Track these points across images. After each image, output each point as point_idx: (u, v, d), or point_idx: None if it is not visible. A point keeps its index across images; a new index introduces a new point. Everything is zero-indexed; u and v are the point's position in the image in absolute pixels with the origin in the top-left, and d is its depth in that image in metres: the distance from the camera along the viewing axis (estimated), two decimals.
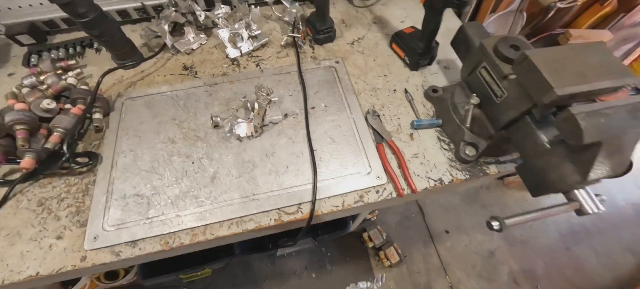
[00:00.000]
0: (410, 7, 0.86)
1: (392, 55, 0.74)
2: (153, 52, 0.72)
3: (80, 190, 0.53)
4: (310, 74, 0.68)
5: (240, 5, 0.75)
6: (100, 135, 0.59)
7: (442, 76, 0.71)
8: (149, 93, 0.64)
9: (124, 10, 0.74)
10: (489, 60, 0.52)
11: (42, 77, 0.63)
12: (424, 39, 0.66)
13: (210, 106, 0.63)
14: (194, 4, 0.72)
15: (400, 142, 0.60)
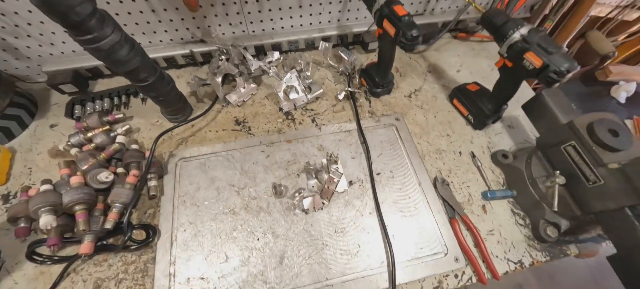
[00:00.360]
0: (464, 53, 0.82)
1: (453, 111, 0.71)
2: (201, 101, 0.69)
3: (139, 269, 0.49)
4: (370, 133, 0.65)
5: (290, 53, 0.72)
6: (155, 202, 0.56)
7: (507, 136, 0.68)
8: (202, 153, 0.61)
9: (171, 57, 0.70)
10: (582, 142, 0.49)
11: (89, 133, 0.59)
12: (494, 101, 0.63)
13: (269, 170, 0.59)
14: (246, 52, 0.69)
15: (473, 215, 0.57)
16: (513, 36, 0.52)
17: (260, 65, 0.69)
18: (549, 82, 0.50)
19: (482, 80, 0.77)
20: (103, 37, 0.41)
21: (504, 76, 0.59)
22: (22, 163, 0.60)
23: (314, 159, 0.61)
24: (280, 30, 0.74)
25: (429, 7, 0.80)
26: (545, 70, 0.49)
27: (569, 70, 0.47)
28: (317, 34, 0.75)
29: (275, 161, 0.61)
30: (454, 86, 0.75)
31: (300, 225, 0.54)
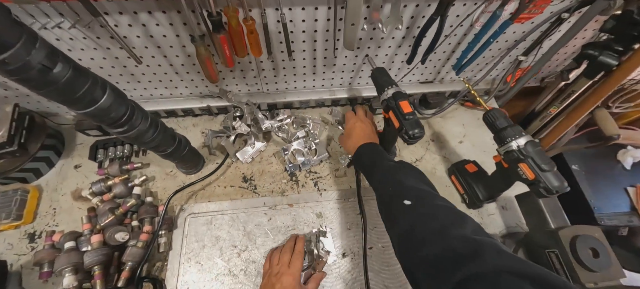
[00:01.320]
0: (469, 123, 0.85)
1: (450, 186, 0.74)
2: (213, 153, 0.74)
3: None
4: (369, 204, 0.68)
5: (300, 111, 0.75)
6: (163, 255, 0.61)
7: (499, 218, 0.70)
8: (210, 210, 0.66)
9: (190, 109, 0.75)
10: (564, 255, 0.52)
11: (109, 181, 0.65)
12: (488, 190, 0.66)
13: (270, 233, 0.64)
14: (258, 112, 0.73)
15: None
16: (510, 144, 0.54)
17: (271, 124, 0.73)
18: (538, 194, 0.53)
19: (483, 153, 0.79)
20: (132, 127, 0.46)
21: (499, 172, 0.61)
22: (48, 203, 0.66)
23: (311, 225, 0.65)
24: (293, 90, 0.78)
25: (439, 77, 0.82)
26: (536, 184, 0.52)
27: (558, 191, 0.50)
28: (328, 95, 0.79)
29: (276, 225, 0.65)
30: (454, 158, 0.78)
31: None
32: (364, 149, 0.59)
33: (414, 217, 0.42)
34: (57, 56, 0.34)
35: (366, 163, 0.57)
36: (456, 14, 0.61)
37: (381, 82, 0.61)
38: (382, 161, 0.55)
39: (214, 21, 0.50)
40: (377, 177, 0.53)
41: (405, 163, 0.55)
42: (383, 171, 0.53)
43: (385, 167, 0.53)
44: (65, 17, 0.51)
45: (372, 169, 0.55)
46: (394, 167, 0.53)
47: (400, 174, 0.51)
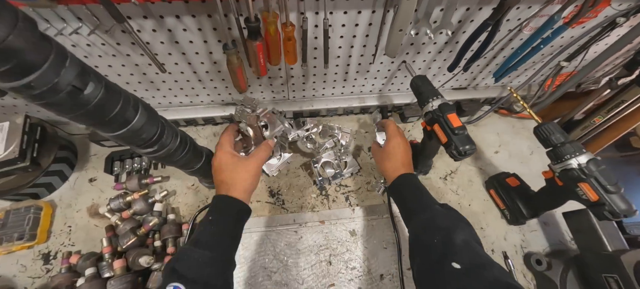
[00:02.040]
0: (504, 131, 0.80)
1: (488, 201, 0.70)
2: None
3: None
4: (402, 224, 0.64)
5: (325, 120, 0.71)
6: None
7: (541, 235, 0.66)
8: None
9: (211, 117, 0.71)
10: (627, 282, 0.48)
11: (128, 197, 0.60)
12: (534, 207, 0.62)
13: (301, 254, 0.60)
14: (285, 121, 0.68)
15: None
16: (569, 162, 0.50)
17: (298, 134, 0.69)
18: (601, 217, 0.49)
19: (521, 164, 0.75)
20: (162, 147, 0.42)
21: (550, 189, 0.57)
22: (62, 220, 0.62)
23: (346, 246, 0.61)
24: (320, 97, 0.73)
25: (474, 83, 0.78)
26: (599, 206, 0.48)
27: (626, 215, 0.46)
28: (357, 103, 0.74)
29: (307, 244, 0.61)
30: (490, 169, 0.74)
31: None
32: (405, 181, 0.53)
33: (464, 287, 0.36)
34: (88, 75, 0.29)
35: (408, 198, 0.51)
36: (507, 18, 0.56)
37: (424, 92, 0.56)
38: (427, 203, 0.48)
39: (251, 27, 0.45)
40: (420, 221, 0.47)
41: (453, 210, 0.48)
42: (429, 217, 0.46)
43: (432, 212, 0.46)
44: (84, 22, 0.46)
45: (415, 209, 0.49)
46: (442, 214, 0.46)
47: (450, 225, 0.43)
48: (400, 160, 0.55)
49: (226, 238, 0.43)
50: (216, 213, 0.45)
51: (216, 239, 0.42)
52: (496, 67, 0.70)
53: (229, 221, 0.45)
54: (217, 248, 0.41)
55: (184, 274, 0.37)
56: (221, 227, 0.43)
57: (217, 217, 0.44)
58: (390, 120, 0.62)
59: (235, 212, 0.46)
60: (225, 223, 0.44)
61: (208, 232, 0.42)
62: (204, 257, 0.39)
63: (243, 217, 0.47)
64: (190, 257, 0.39)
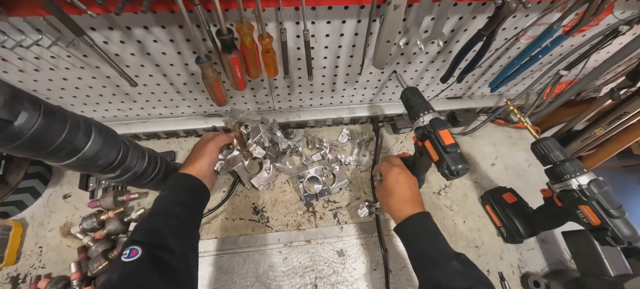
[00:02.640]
0: (500, 142, 0.77)
1: (484, 217, 0.66)
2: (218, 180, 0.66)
3: None
4: (393, 243, 0.61)
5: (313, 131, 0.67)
6: None
7: (540, 253, 0.63)
8: (218, 248, 0.58)
9: (193, 129, 0.67)
10: None
11: (102, 216, 0.57)
12: (532, 225, 0.58)
13: (285, 277, 0.56)
14: (277, 131, 0.65)
15: None
16: (569, 182, 0.47)
17: (289, 144, 0.65)
18: (603, 243, 0.45)
19: (518, 177, 0.72)
20: (126, 171, 0.38)
21: (548, 209, 0.54)
22: (33, 240, 0.58)
23: (333, 267, 0.58)
24: (308, 108, 0.70)
25: (469, 92, 0.74)
26: (602, 231, 0.44)
27: (630, 242, 0.43)
28: (347, 114, 0.70)
29: (292, 265, 0.58)
30: (486, 183, 0.71)
31: None
32: (416, 224, 0.47)
33: None
34: (20, 103, 0.26)
35: (420, 245, 0.46)
36: (503, 27, 0.52)
37: (415, 105, 0.53)
38: (443, 256, 0.43)
39: (224, 40, 0.41)
40: (434, 277, 0.42)
41: (472, 267, 0.43)
42: (445, 275, 0.41)
43: (449, 269, 0.41)
44: (44, 34, 0.42)
45: (428, 259, 0.44)
46: (460, 274, 0.41)
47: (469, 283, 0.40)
48: (404, 196, 0.50)
49: (176, 206, 0.43)
50: (166, 189, 0.45)
51: (166, 207, 0.42)
52: (492, 77, 0.66)
53: (176, 193, 0.44)
54: (168, 214, 0.41)
55: (139, 240, 0.37)
56: (170, 197, 0.43)
57: (166, 191, 0.44)
58: (386, 158, 0.58)
59: (184, 185, 0.46)
60: (174, 194, 0.44)
61: (158, 203, 0.43)
62: (157, 223, 0.40)
63: (193, 190, 0.47)
64: (144, 225, 0.40)
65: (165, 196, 0.44)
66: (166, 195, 0.44)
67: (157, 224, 0.40)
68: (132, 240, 0.37)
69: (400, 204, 0.49)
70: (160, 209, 0.42)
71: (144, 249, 0.35)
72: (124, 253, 0.35)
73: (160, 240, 0.38)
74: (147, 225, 0.40)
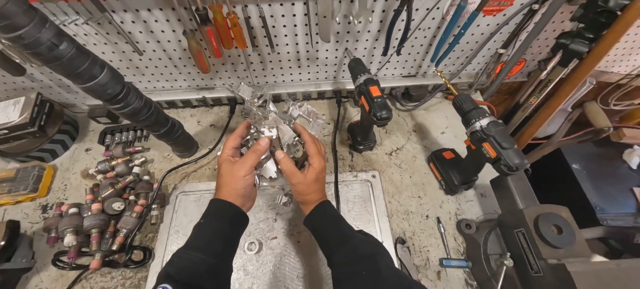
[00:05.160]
0: (452, 116, 0.87)
1: (429, 174, 0.76)
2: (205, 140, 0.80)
3: (134, 285, 0.60)
4: (346, 188, 0.72)
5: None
6: (155, 227, 0.67)
7: (477, 205, 0.71)
8: (200, 189, 0.72)
9: (187, 100, 0.83)
10: (528, 233, 0.53)
11: (113, 162, 0.73)
12: (463, 174, 0.68)
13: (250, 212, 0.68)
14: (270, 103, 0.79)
15: (426, 280, 0.61)
16: (474, 125, 0.57)
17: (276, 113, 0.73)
18: (501, 172, 0.55)
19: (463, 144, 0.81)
20: (127, 105, 0.53)
21: (470, 155, 0.63)
22: (61, 180, 0.75)
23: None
24: (281, 83, 0.84)
25: (421, 70, 0.86)
26: (498, 161, 0.54)
27: (518, 168, 0.52)
28: (314, 88, 0.84)
29: (258, 203, 0.70)
30: (435, 147, 0.80)
31: (269, 267, 0.62)
32: (325, 210, 0.50)
33: None
34: (63, 36, 0.42)
35: (330, 228, 0.49)
36: (426, 7, 0.65)
37: (356, 71, 0.66)
38: (349, 233, 0.48)
39: (200, 15, 0.57)
40: (344, 253, 0.45)
41: (371, 237, 0.49)
42: (352, 247, 0.45)
43: (355, 241, 0.46)
44: (80, 15, 0.60)
45: (338, 239, 0.47)
46: (364, 243, 0.46)
47: (374, 252, 0.45)
48: (323, 183, 0.52)
49: (217, 240, 0.43)
50: (206, 215, 0.45)
51: (206, 240, 0.42)
52: (433, 54, 0.78)
53: (218, 223, 0.44)
54: (208, 249, 0.41)
55: (174, 276, 0.37)
56: (211, 229, 0.44)
57: (207, 219, 0.44)
58: (314, 141, 0.53)
59: (226, 215, 0.45)
60: (215, 225, 0.44)
61: (198, 234, 0.43)
62: (194, 258, 0.40)
63: (234, 220, 0.46)
64: (181, 258, 0.40)
65: (205, 225, 0.44)
66: (207, 224, 0.44)
67: (194, 260, 0.40)
68: (167, 273, 0.38)
69: (321, 195, 0.52)
70: (199, 241, 0.42)
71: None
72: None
73: (194, 279, 0.38)
74: (183, 259, 0.40)
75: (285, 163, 0.50)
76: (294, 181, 0.50)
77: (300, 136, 0.55)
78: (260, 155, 0.49)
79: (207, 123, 0.85)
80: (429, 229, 0.68)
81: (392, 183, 0.74)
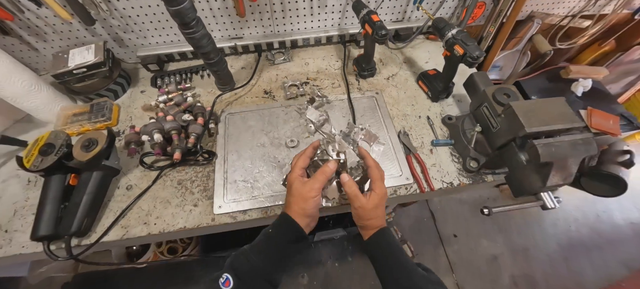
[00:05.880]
0: (433, 50, 1.10)
1: (418, 90, 0.98)
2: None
3: (205, 176, 0.79)
4: (357, 102, 0.93)
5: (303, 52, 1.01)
6: (213, 139, 0.85)
7: (456, 107, 0.95)
8: (243, 110, 0.91)
9: (221, 48, 1.02)
10: (489, 102, 0.76)
11: (170, 95, 0.90)
12: (443, 80, 0.90)
13: (286, 122, 0.88)
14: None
15: (423, 155, 0.84)
16: (448, 35, 0.80)
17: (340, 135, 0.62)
18: (468, 64, 0.78)
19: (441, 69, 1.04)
20: (197, 31, 0.72)
21: (446, 62, 0.86)
22: (125, 114, 0.92)
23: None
24: (296, 31, 1.04)
25: (406, 16, 1.09)
26: (465, 55, 0.77)
27: (478, 57, 0.75)
28: (323, 33, 1.05)
29: (291, 117, 0.90)
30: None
31: None
32: (385, 237, 0.52)
33: None
34: None
35: (389, 256, 0.51)
36: None
37: (358, 8, 0.87)
38: (409, 265, 0.49)
39: None
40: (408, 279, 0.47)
41: (432, 274, 0.51)
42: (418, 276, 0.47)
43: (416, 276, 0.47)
44: None
45: (396, 268, 0.49)
46: (424, 279, 0.48)
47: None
48: (383, 212, 0.54)
49: (277, 253, 0.48)
50: (275, 227, 0.50)
51: (269, 251, 0.47)
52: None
53: (282, 238, 0.49)
54: (267, 258, 0.46)
55: (235, 269, 0.45)
56: (275, 242, 0.49)
57: (274, 231, 0.50)
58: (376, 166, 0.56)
59: (291, 234, 0.49)
60: (280, 239, 0.49)
61: (264, 242, 0.49)
62: (254, 262, 0.46)
63: (297, 241, 0.50)
64: (245, 255, 0.47)
65: (272, 236, 0.49)
66: (273, 235, 0.49)
67: (253, 263, 0.46)
68: (231, 264, 0.45)
69: (380, 221, 0.53)
70: (263, 249, 0.48)
71: (235, 284, 0.42)
72: (221, 277, 0.43)
73: (249, 279, 0.45)
74: (246, 258, 0.46)
75: (350, 186, 0.53)
76: (356, 205, 0.52)
77: (364, 160, 0.57)
78: (328, 177, 0.52)
79: (238, 67, 1.03)
80: (422, 125, 0.90)
81: (391, 97, 0.96)
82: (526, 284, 1.65)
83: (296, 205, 0.51)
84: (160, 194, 0.76)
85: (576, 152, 0.60)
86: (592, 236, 1.83)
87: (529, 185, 0.65)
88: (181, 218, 0.72)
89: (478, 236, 1.78)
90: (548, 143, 0.59)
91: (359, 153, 0.58)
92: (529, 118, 0.63)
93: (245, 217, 0.73)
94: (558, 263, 1.73)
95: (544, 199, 0.64)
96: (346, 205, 0.70)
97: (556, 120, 0.63)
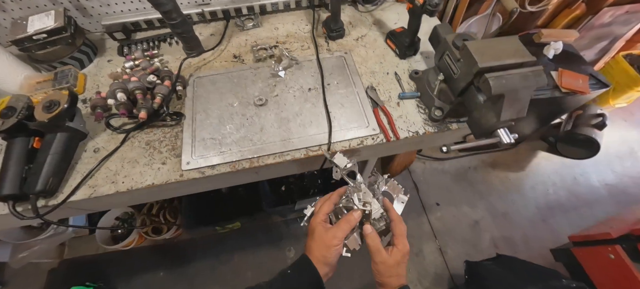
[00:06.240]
0: (402, 12, 1.11)
1: (387, 49, 0.99)
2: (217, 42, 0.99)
3: (173, 136, 0.79)
4: (325, 62, 0.94)
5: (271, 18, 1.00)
6: (181, 102, 0.85)
7: (423, 63, 0.96)
8: (212, 73, 0.91)
9: (188, 14, 1.01)
10: (449, 49, 0.77)
11: (136, 61, 0.90)
12: (409, 36, 0.92)
13: (255, 82, 0.89)
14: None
15: (390, 107, 0.85)
16: None
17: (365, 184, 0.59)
18: (429, 12, 0.79)
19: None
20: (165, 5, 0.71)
21: (410, 16, 0.87)
22: (91, 82, 0.91)
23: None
24: None
25: None
26: (425, 4, 0.78)
27: (437, 4, 0.76)
28: None
29: (259, 77, 0.90)
30: None
31: (274, 111, 0.83)
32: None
33: None
34: None
35: None
36: None
37: None
38: None
39: None
40: None
41: None
42: None
43: None
44: None
45: None
46: None
47: None
48: (405, 271, 0.52)
49: None
50: (293, 268, 0.50)
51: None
52: None
53: (300, 281, 0.48)
54: None
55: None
56: (291, 283, 0.48)
57: (293, 272, 0.49)
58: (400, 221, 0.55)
59: (309, 276, 0.48)
60: (296, 281, 0.48)
61: (280, 281, 0.48)
62: None
63: (312, 282, 0.48)
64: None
65: (289, 277, 0.48)
66: (291, 277, 0.48)
67: None
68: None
69: (402, 278, 0.51)
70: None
71: None
72: None
73: None
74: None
75: (372, 238, 0.52)
76: (377, 259, 0.50)
77: (387, 213, 0.56)
78: (353, 227, 0.52)
79: (207, 33, 1.03)
80: (390, 80, 0.91)
81: (360, 57, 0.97)
82: (506, 245, 1.70)
83: (318, 251, 0.49)
84: (128, 155, 0.76)
85: (527, 83, 0.62)
86: (570, 198, 1.89)
87: (486, 122, 0.67)
88: (149, 176, 0.73)
89: (460, 203, 1.83)
90: (499, 76, 0.61)
91: (383, 205, 0.57)
92: (482, 55, 0.64)
93: (213, 172, 0.73)
94: (536, 224, 1.79)
95: (500, 135, 0.66)
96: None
97: (509, 55, 0.65)
